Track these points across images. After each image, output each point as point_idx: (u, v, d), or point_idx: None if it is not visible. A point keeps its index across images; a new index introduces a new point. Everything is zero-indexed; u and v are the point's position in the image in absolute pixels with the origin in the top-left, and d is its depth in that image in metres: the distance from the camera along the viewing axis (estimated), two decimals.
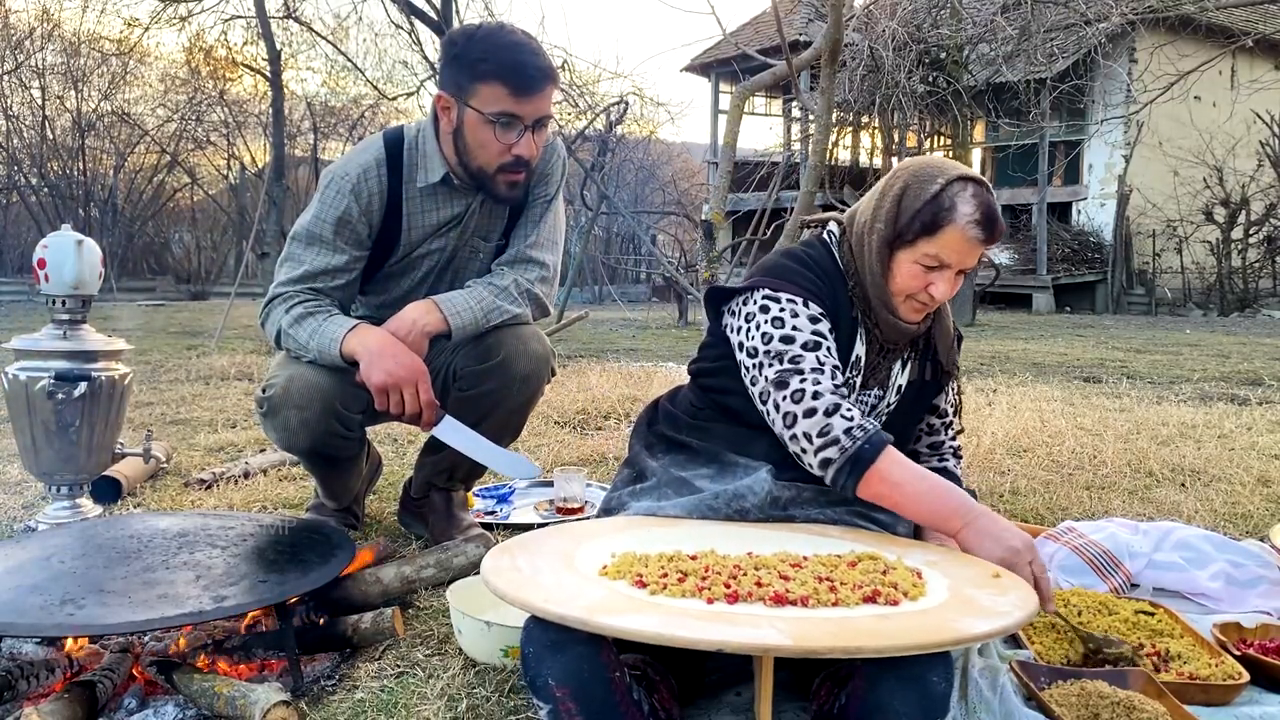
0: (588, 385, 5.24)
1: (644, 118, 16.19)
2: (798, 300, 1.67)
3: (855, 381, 1.75)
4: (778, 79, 7.51)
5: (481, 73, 1.97)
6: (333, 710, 1.54)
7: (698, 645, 1.12)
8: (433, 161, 2.13)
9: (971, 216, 1.61)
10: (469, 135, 2.04)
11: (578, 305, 14.35)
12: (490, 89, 1.97)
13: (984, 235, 1.62)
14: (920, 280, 1.66)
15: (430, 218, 2.18)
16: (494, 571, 1.32)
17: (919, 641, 1.14)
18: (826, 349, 1.64)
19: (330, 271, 2.11)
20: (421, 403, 1.95)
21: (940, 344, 1.83)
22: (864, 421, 1.56)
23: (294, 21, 12.77)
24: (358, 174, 2.11)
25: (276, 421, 2.09)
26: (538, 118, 2.02)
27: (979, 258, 1.69)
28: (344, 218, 2.10)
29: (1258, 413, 4.51)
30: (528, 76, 1.98)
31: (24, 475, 2.89)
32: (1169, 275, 16.81)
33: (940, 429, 1.94)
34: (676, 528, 1.59)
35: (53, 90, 18.72)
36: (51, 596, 1.59)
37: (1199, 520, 2.61)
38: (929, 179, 1.65)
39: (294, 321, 2.05)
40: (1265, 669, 1.61)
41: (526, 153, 2.04)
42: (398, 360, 1.94)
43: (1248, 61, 15.05)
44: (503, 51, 1.97)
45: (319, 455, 2.22)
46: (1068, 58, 13.19)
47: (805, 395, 1.57)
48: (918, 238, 1.64)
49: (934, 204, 1.63)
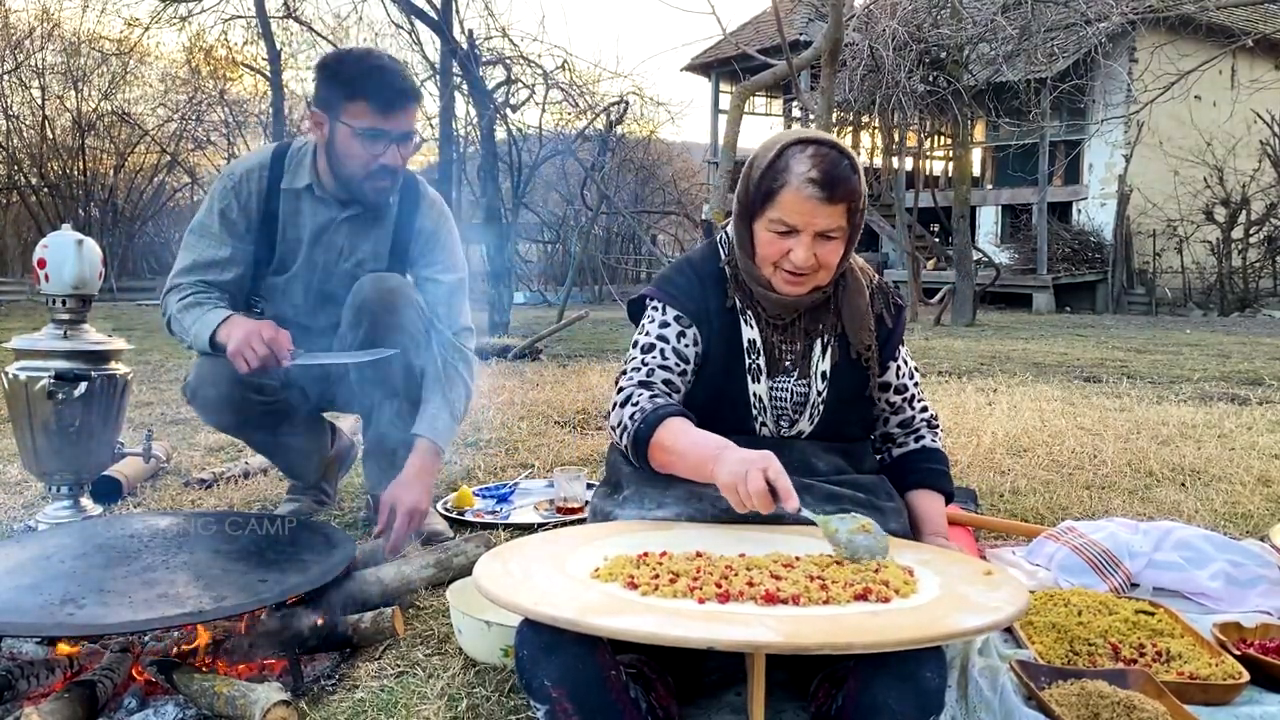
0: (588, 385, 5.25)
1: (644, 117, 16.17)
2: (659, 307, 1.79)
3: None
4: (778, 78, 7.52)
5: (349, 92, 2.19)
6: (333, 710, 1.54)
7: (689, 644, 1.12)
8: (302, 170, 2.35)
9: (805, 175, 1.60)
10: (339, 147, 2.24)
11: (578, 305, 14.35)
12: (356, 105, 2.19)
13: (822, 193, 1.59)
14: (776, 247, 1.66)
15: (300, 220, 2.37)
16: (486, 576, 1.33)
17: (909, 637, 1.15)
18: (659, 350, 1.74)
19: (218, 263, 2.32)
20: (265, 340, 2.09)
21: (849, 323, 1.78)
22: (647, 404, 1.64)
23: (294, 21, 12.78)
24: (242, 173, 2.35)
25: (198, 404, 2.34)
26: (402, 131, 2.25)
27: (844, 218, 1.64)
28: (225, 211, 2.33)
29: (1258, 412, 4.51)
30: (391, 95, 2.20)
31: (24, 475, 2.90)
32: (1169, 275, 16.81)
33: (903, 405, 1.88)
34: (669, 530, 1.59)
35: (53, 90, 18.74)
36: (52, 596, 1.60)
37: (1199, 520, 2.61)
38: (769, 147, 1.67)
39: (181, 310, 2.26)
40: (1265, 669, 1.61)
41: (392, 161, 2.25)
42: (244, 331, 2.12)
43: (1248, 61, 15.05)
44: (370, 74, 2.20)
45: (251, 428, 2.43)
46: (1068, 57, 13.20)
47: (616, 392, 1.72)
48: (763, 205, 1.65)
49: (771, 170, 1.64)
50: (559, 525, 2.51)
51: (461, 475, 3.16)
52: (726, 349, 1.75)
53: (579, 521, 2.35)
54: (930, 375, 6.09)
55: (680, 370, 1.74)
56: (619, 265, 20.17)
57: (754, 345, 1.75)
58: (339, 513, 2.68)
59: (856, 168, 1.65)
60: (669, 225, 21.37)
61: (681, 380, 1.74)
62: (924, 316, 12.30)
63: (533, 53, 11.35)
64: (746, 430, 1.74)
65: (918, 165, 18.03)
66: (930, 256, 16.94)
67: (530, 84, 8.79)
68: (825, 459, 1.76)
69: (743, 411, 1.74)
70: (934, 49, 12.72)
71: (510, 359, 6.77)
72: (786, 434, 1.76)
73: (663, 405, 1.64)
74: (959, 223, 12.62)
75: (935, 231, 17.76)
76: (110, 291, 15.68)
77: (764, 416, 1.75)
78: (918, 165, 18.03)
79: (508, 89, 8.35)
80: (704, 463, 1.51)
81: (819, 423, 1.77)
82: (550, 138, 9.65)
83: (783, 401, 1.76)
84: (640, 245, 19.14)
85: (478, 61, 7.69)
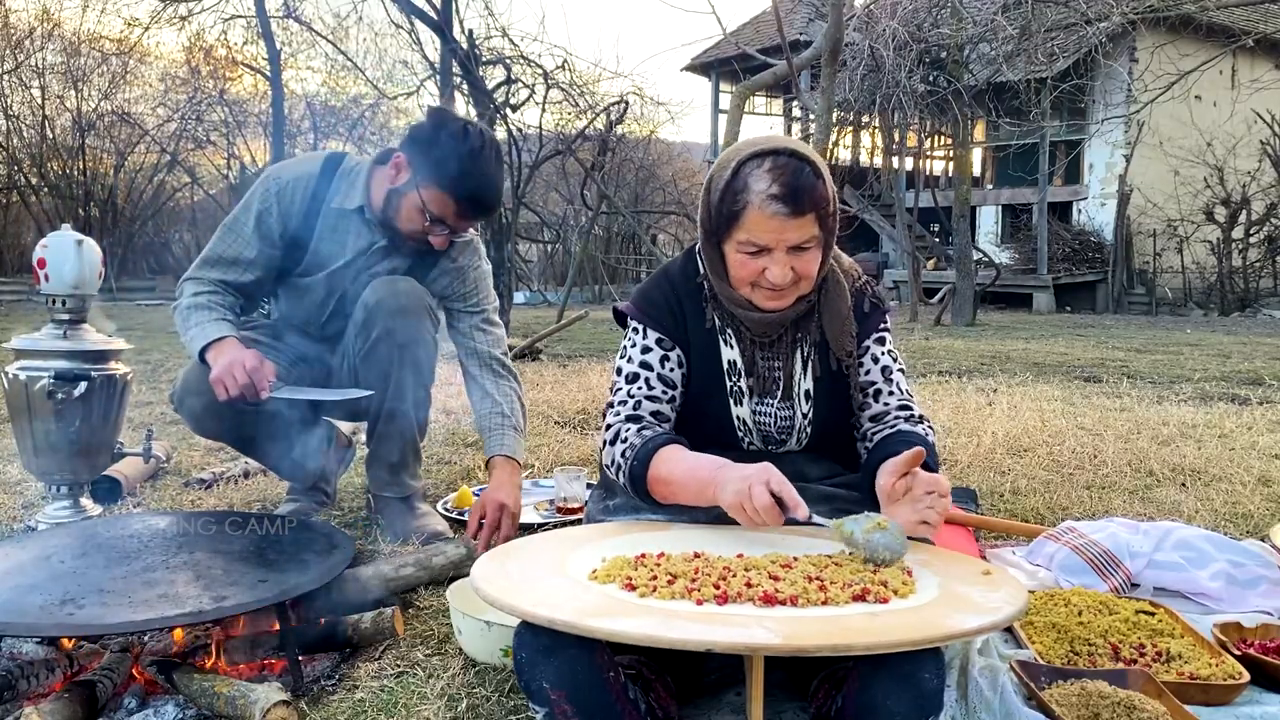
0: (588, 385, 5.25)
1: (644, 117, 16.15)
2: (639, 328, 1.74)
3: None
4: (778, 78, 7.52)
5: (443, 180, 2.18)
6: (333, 710, 1.54)
7: (687, 646, 1.12)
8: (355, 191, 2.32)
9: (766, 192, 1.52)
10: (403, 207, 2.25)
11: (578, 305, 14.35)
12: (441, 196, 2.20)
13: (786, 208, 1.51)
14: (751, 268, 1.58)
15: (338, 240, 2.35)
16: (484, 578, 1.33)
17: (908, 638, 1.15)
18: (644, 380, 1.70)
19: (240, 263, 2.32)
20: (241, 376, 2.10)
21: (829, 328, 1.70)
22: (636, 439, 1.61)
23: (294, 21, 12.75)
24: (289, 180, 2.33)
25: (184, 411, 2.33)
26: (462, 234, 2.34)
27: (817, 227, 1.55)
28: (263, 215, 2.31)
29: (1258, 412, 4.51)
30: (474, 209, 2.26)
31: (24, 475, 2.89)
32: (1169, 275, 16.80)
33: (870, 400, 1.73)
34: (666, 531, 1.59)
35: (53, 90, 18.71)
36: (52, 596, 1.59)
37: (1199, 520, 2.61)
38: (724, 165, 1.59)
39: (189, 307, 2.27)
40: (1265, 669, 1.61)
41: (439, 245, 2.30)
42: (229, 359, 2.13)
43: (1248, 61, 15.06)
44: (470, 179, 2.19)
45: (237, 436, 2.42)
46: (1068, 57, 13.18)
47: (606, 429, 1.68)
48: (728, 228, 1.57)
49: (730, 190, 1.56)
50: (559, 525, 2.51)
51: (461, 475, 3.16)
52: (706, 370, 1.71)
53: (578, 522, 2.35)
54: (930, 375, 6.08)
55: (669, 398, 1.71)
56: (619, 265, 20.16)
57: (734, 366, 1.70)
58: (339, 512, 2.69)
59: (820, 172, 1.56)
60: (669, 225, 21.35)
61: (670, 408, 1.71)
62: (924, 316, 12.30)
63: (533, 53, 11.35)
64: (734, 446, 1.72)
65: (918, 165, 18.02)
66: (930, 256, 16.94)
67: (530, 84, 8.79)
68: (817, 465, 1.75)
69: (728, 434, 1.72)
70: (934, 49, 12.72)
71: (510, 359, 6.76)
72: (776, 451, 1.75)
73: (651, 437, 1.60)
74: (959, 223, 12.62)
75: (935, 231, 17.75)
76: (110, 291, 15.67)
77: (750, 437, 1.73)
78: (918, 165, 18.02)
79: (508, 89, 8.34)
80: (704, 488, 1.49)
81: (808, 443, 1.74)
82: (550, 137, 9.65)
83: (767, 425, 1.73)
84: (640, 245, 19.13)
85: (478, 61, 7.68)
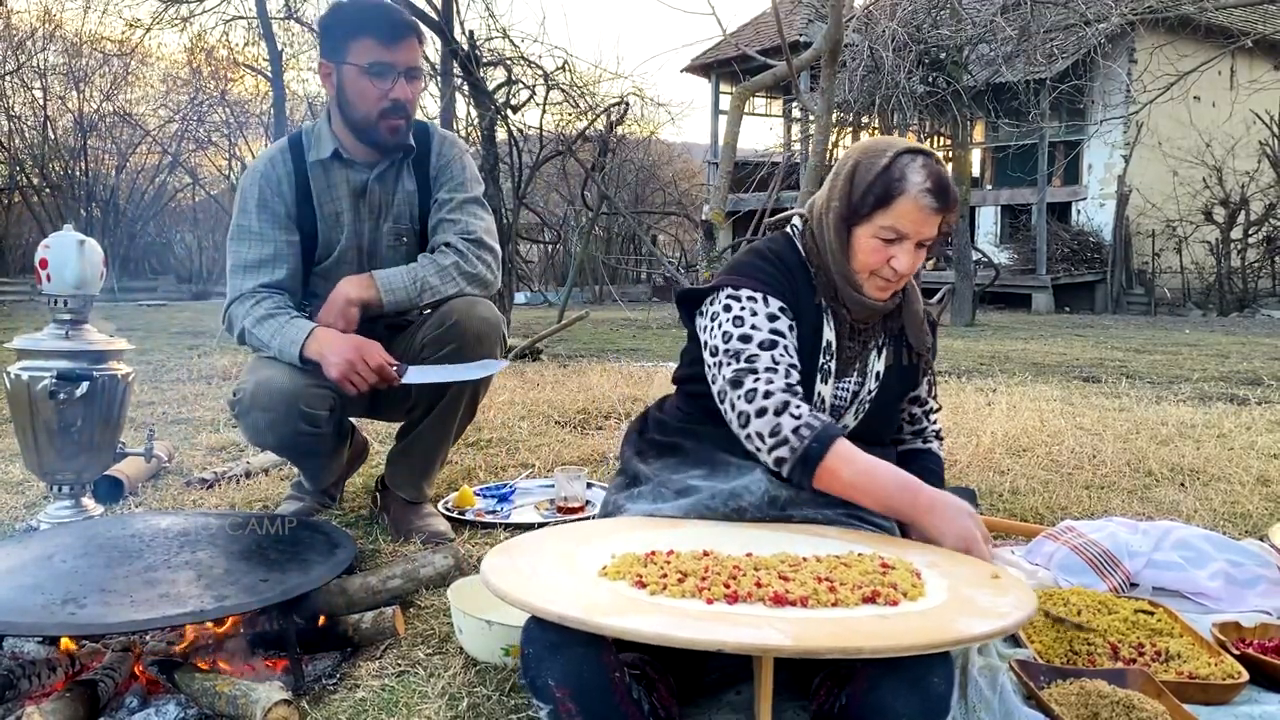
0: (588, 385, 5.25)
1: (644, 118, 16.17)
2: (757, 297, 1.69)
3: (830, 367, 1.76)
4: (778, 79, 7.51)
5: (351, 31, 2.24)
6: (334, 709, 1.54)
7: (697, 645, 1.11)
8: (323, 140, 2.36)
9: (923, 185, 1.63)
10: (349, 90, 2.27)
11: (578, 305, 14.35)
12: (360, 44, 2.24)
13: (937, 203, 1.64)
14: (881, 254, 1.67)
15: (336, 190, 2.38)
16: (494, 571, 1.32)
17: (919, 642, 1.14)
18: (784, 347, 1.66)
19: (266, 263, 2.32)
20: (373, 368, 2.16)
21: (910, 327, 1.84)
22: (811, 419, 1.58)
23: (295, 22, 12.76)
24: (264, 163, 2.37)
25: (246, 423, 2.31)
26: (409, 66, 2.28)
27: (939, 228, 1.70)
28: (262, 201, 2.33)
29: (1257, 412, 4.51)
30: (392, 27, 2.25)
31: (26, 475, 2.90)
32: (1168, 275, 16.81)
33: (921, 417, 1.97)
34: (676, 529, 1.59)
35: (54, 91, 18.75)
36: (53, 596, 1.60)
37: (1198, 520, 2.62)
38: (878, 153, 1.68)
39: (257, 322, 2.26)
40: (1265, 668, 1.61)
41: (402, 96, 2.27)
42: (341, 352, 2.16)
43: (1247, 61, 15.05)
44: (368, 11, 2.26)
45: (289, 450, 2.44)
46: (1067, 58, 13.19)
47: (758, 395, 1.60)
48: (873, 211, 1.66)
49: (885, 176, 1.65)
50: (559, 525, 2.51)
51: (462, 475, 3.16)
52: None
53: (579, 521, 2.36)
54: None
55: (803, 369, 1.71)
56: (619, 265, 20.17)
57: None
58: (340, 512, 2.69)
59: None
60: (669, 225, 21.37)
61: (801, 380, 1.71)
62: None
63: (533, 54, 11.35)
64: None
65: None
66: (930, 256, 16.92)
67: (531, 85, 8.77)
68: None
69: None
70: (933, 50, 12.71)
71: (511, 359, 6.78)
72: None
73: (830, 423, 1.60)
74: (958, 223, 12.62)
75: None
76: (112, 292, 15.68)
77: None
78: None
79: (508, 90, 8.33)
80: (899, 506, 1.57)
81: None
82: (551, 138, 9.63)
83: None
84: (640, 245, 19.13)
85: (478, 62, 7.68)
